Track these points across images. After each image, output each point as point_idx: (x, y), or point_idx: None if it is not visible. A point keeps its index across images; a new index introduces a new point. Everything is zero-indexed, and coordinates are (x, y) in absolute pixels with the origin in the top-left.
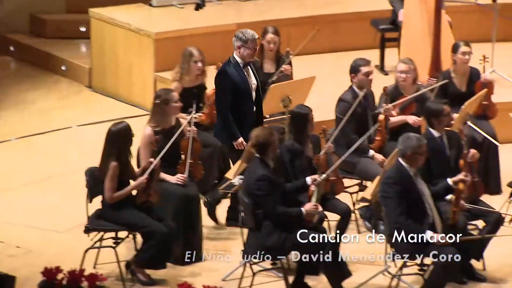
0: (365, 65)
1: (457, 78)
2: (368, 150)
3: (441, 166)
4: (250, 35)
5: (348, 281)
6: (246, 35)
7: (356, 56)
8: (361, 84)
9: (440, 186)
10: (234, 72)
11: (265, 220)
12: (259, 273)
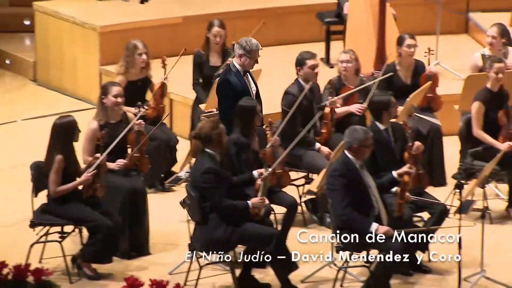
0: (310, 58)
1: (402, 70)
2: (314, 143)
3: (386, 159)
4: (254, 45)
5: (295, 274)
6: (250, 45)
7: (302, 49)
8: (306, 77)
9: (385, 179)
10: (236, 80)
11: (211, 213)
12: (206, 266)
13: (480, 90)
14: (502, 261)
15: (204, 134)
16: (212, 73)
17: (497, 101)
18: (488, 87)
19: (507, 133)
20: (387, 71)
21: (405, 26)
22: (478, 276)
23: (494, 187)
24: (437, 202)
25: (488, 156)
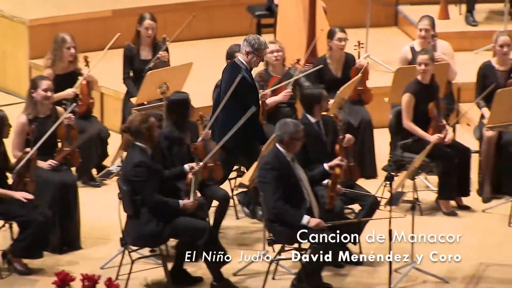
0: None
1: (332, 64)
2: None
3: (317, 151)
4: (262, 44)
5: (227, 267)
6: (258, 44)
7: (233, 42)
8: None
9: (316, 171)
10: (249, 77)
11: (143, 207)
12: (138, 260)
13: (410, 83)
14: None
15: (134, 128)
16: (143, 66)
17: (427, 93)
18: (418, 79)
19: (437, 125)
20: (318, 64)
21: (335, 20)
22: (408, 267)
23: (424, 178)
24: (368, 194)
25: (418, 148)
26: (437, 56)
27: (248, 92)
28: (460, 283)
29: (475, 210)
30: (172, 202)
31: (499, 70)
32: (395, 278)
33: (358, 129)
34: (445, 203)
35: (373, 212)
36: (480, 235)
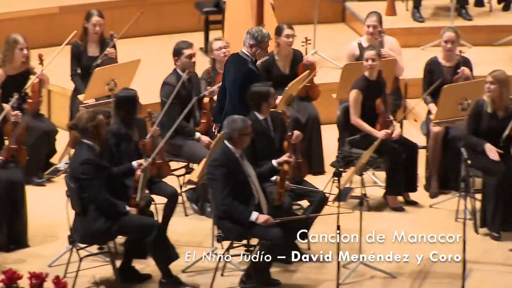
0: (187, 47)
1: (280, 60)
2: (194, 133)
3: (266, 148)
4: (265, 36)
5: (176, 264)
6: (261, 36)
7: (181, 38)
8: (184, 66)
9: (265, 168)
10: (255, 69)
11: (91, 205)
12: (86, 258)
13: (357, 79)
14: (380, 247)
15: (81, 125)
16: (90, 63)
17: (375, 89)
18: (365, 76)
19: (384, 121)
20: (266, 60)
21: (283, 16)
22: (356, 263)
23: (372, 174)
24: (316, 190)
25: (365, 144)
26: (384, 52)
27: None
28: (407, 278)
29: (423, 206)
30: (120, 205)
31: (446, 66)
32: (343, 273)
33: (306, 126)
34: (392, 199)
35: (321, 208)
36: (427, 230)
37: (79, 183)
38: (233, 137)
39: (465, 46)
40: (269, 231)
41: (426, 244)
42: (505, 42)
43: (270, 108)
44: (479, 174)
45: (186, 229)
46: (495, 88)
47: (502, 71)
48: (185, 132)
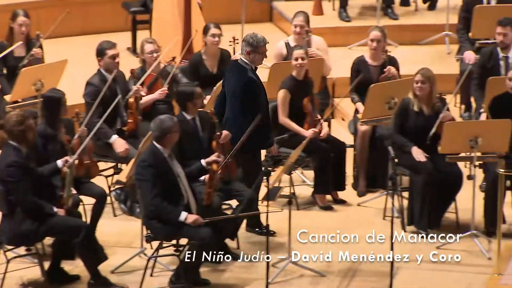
0: (110, 48)
1: (208, 60)
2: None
3: (194, 148)
4: (260, 40)
5: (105, 264)
6: (256, 41)
7: (108, 38)
8: (107, 67)
9: (194, 168)
10: (255, 78)
11: (18, 207)
12: (13, 259)
13: (285, 79)
14: (309, 246)
15: (8, 127)
16: (16, 63)
17: (302, 89)
18: (293, 75)
19: (312, 120)
20: (193, 60)
21: (211, 15)
22: (286, 262)
23: (301, 173)
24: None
25: (294, 143)
26: (312, 51)
27: (258, 93)
28: (336, 277)
29: (351, 204)
30: (46, 207)
31: (372, 65)
32: (272, 272)
33: None
34: (321, 198)
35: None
36: (355, 228)
37: (5, 186)
38: (160, 137)
39: (391, 45)
40: (198, 231)
41: (354, 243)
42: (431, 41)
43: (196, 107)
44: (406, 172)
45: (115, 229)
46: (426, 87)
47: (430, 70)
48: (101, 134)
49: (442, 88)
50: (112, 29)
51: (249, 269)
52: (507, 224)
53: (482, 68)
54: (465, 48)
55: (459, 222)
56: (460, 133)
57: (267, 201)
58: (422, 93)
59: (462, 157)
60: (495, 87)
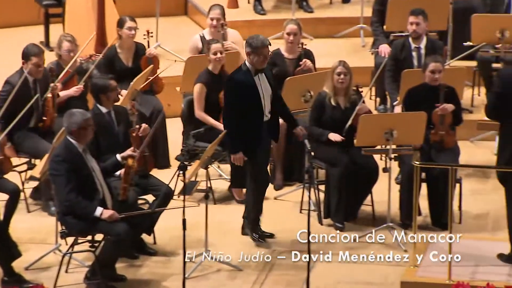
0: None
1: (123, 53)
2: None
3: (110, 142)
4: (260, 42)
5: (19, 261)
6: (256, 43)
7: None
8: (30, 72)
9: (109, 162)
10: (241, 78)
11: None
12: None
13: (201, 73)
14: (226, 240)
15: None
16: None
17: (218, 83)
18: (209, 69)
19: None
20: (108, 54)
21: (125, 9)
22: (203, 256)
23: (217, 167)
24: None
25: (210, 137)
26: (227, 45)
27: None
28: (253, 270)
29: (268, 198)
30: None
31: (288, 58)
32: (189, 267)
33: (150, 119)
34: (238, 191)
35: (167, 202)
36: (273, 222)
37: None
38: (72, 131)
39: (306, 38)
40: (114, 227)
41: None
42: (346, 34)
43: (111, 101)
44: (322, 166)
45: (28, 226)
46: (348, 79)
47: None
48: None
49: (357, 80)
50: (24, 23)
51: (166, 264)
52: (423, 216)
53: (395, 60)
54: (379, 41)
55: (375, 215)
56: (375, 126)
57: (183, 196)
58: (344, 85)
59: (378, 149)
60: (410, 79)
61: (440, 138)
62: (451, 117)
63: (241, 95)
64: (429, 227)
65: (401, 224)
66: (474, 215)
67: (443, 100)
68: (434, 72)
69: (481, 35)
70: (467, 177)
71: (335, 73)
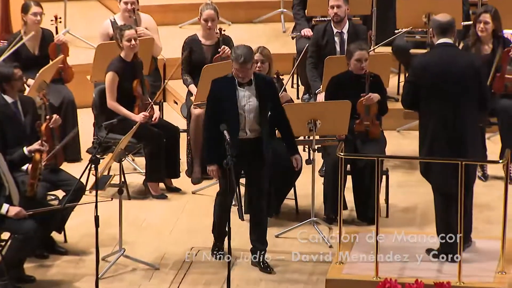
0: None
1: (28, 40)
2: None
3: (16, 134)
4: (234, 55)
5: None
6: (234, 52)
7: None
8: None
9: (16, 155)
10: (220, 85)
11: None
12: None
13: (113, 60)
14: (142, 238)
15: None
16: None
17: (131, 71)
18: (121, 57)
19: (143, 104)
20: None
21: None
22: (117, 254)
23: (132, 160)
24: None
25: (123, 128)
26: (140, 31)
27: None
28: (171, 269)
29: (185, 192)
30: None
31: (205, 45)
32: (103, 266)
33: (60, 110)
34: (154, 186)
35: (78, 197)
36: (191, 218)
37: None
38: None
39: (224, 23)
40: (22, 224)
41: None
42: (266, 19)
43: (15, 90)
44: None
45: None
46: (266, 66)
47: (267, 48)
48: None
49: (279, 68)
50: None
51: (78, 264)
52: (348, 210)
53: (317, 46)
54: (301, 26)
55: (298, 209)
56: (298, 116)
57: (95, 191)
58: (263, 73)
59: (301, 140)
60: (332, 66)
61: (365, 128)
62: (376, 106)
63: (216, 102)
64: (355, 221)
65: (326, 218)
66: (401, 209)
67: (368, 89)
68: (360, 61)
69: (407, 20)
70: (394, 168)
71: (253, 62)
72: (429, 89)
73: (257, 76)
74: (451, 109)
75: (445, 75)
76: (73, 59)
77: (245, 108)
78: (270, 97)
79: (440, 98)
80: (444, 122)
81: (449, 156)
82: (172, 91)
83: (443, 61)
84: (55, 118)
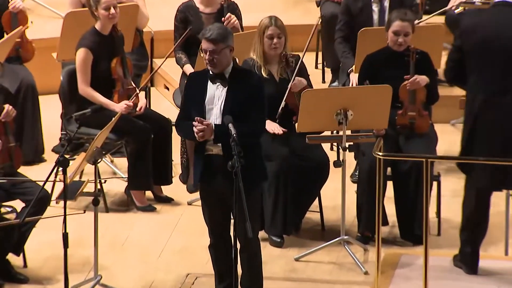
0: None
1: None
2: None
3: None
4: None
5: None
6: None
7: None
8: None
9: None
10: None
11: None
12: None
13: (86, 33)
14: (123, 261)
15: None
16: None
17: (109, 47)
18: (96, 29)
19: (124, 90)
20: None
21: None
22: (92, 283)
23: (110, 162)
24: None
25: (99, 121)
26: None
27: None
28: None
29: (179, 203)
30: None
31: (205, 13)
32: None
33: (17, 97)
34: (139, 195)
35: (42, 210)
36: (185, 236)
37: None
38: None
39: None
40: None
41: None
42: None
43: None
44: None
45: None
46: (283, 42)
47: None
48: None
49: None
50: None
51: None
52: (389, 226)
53: (348, 14)
54: None
55: (324, 225)
56: (323, 105)
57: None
58: (278, 51)
59: (327, 136)
60: (368, 41)
61: (410, 121)
62: (424, 92)
63: (187, 95)
64: (397, 240)
65: (360, 237)
66: (456, 224)
67: (413, 71)
68: (398, 34)
69: None
70: (447, 173)
71: (266, 36)
72: (475, 56)
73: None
74: (499, 82)
75: (496, 40)
76: (34, 32)
77: (215, 107)
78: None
79: (488, 68)
80: (490, 98)
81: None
82: (162, 73)
83: (498, 23)
84: (7, 110)
